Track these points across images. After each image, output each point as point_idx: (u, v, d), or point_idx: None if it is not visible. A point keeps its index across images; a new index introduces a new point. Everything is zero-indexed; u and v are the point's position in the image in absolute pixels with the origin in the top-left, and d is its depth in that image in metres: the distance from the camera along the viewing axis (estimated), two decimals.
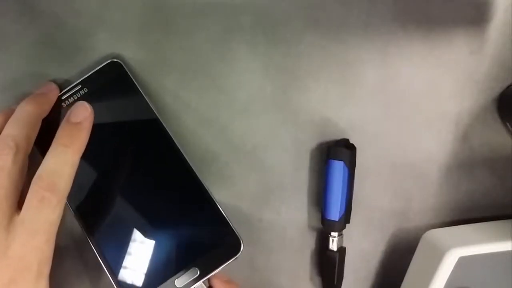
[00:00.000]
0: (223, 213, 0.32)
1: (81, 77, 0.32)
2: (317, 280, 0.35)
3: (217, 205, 0.32)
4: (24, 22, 0.32)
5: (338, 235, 0.33)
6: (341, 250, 0.34)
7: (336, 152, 0.33)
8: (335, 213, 0.33)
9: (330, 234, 0.34)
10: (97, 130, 0.31)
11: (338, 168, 0.33)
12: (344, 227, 0.34)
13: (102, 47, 0.33)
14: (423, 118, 0.35)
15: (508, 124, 0.35)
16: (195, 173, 0.32)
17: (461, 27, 0.34)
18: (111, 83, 0.32)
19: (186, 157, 0.32)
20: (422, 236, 0.33)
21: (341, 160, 0.33)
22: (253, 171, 0.34)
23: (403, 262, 0.34)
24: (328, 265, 0.34)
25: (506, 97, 0.35)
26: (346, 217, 0.33)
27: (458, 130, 0.35)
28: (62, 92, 0.32)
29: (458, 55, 0.35)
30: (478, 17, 0.34)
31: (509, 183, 0.35)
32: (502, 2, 0.34)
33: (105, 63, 0.32)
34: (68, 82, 0.33)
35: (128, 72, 0.32)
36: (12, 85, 0.33)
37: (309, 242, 0.35)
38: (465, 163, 0.35)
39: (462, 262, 0.30)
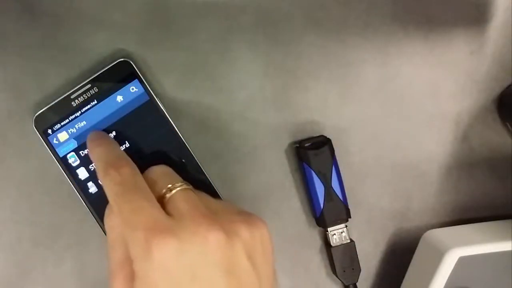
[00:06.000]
0: None
1: (89, 77, 0.32)
2: (321, 278, 0.36)
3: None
4: (24, 22, 0.32)
5: (331, 230, 0.34)
6: (341, 246, 0.34)
7: (299, 153, 0.34)
8: (317, 210, 0.34)
9: (326, 230, 0.34)
10: (106, 128, 0.32)
11: (302, 168, 0.34)
12: (337, 223, 0.34)
13: (102, 47, 0.33)
14: (423, 118, 0.35)
15: (508, 124, 0.35)
16: (203, 173, 0.33)
17: (461, 27, 0.34)
18: (121, 82, 0.32)
19: (195, 156, 0.33)
20: (422, 236, 0.33)
21: (302, 161, 0.33)
22: (253, 171, 0.34)
23: (403, 262, 0.34)
24: (331, 260, 0.34)
25: (506, 97, 0.35)
26: (331, 213, 0.33)
27: (458, 130, 0.35)
28: (71, 91, 0.32)
29: (458, 55, 0.35)
30: (478, 17, 0.34)
31: (509, 183, 0.35)
32: (502, 2, 0.34)
33: (114, 63, 0.32)
34: (76, 82, 0.32)
35: (138, 72, 0.32)
36: (12, 85, 0.33)
37: (309, 241, 0.35)
38: (465, 163, 0.35)
39: (462, 262, 0.30)
